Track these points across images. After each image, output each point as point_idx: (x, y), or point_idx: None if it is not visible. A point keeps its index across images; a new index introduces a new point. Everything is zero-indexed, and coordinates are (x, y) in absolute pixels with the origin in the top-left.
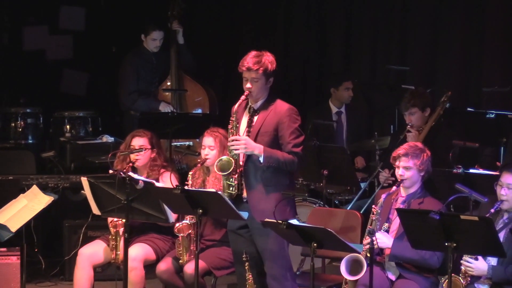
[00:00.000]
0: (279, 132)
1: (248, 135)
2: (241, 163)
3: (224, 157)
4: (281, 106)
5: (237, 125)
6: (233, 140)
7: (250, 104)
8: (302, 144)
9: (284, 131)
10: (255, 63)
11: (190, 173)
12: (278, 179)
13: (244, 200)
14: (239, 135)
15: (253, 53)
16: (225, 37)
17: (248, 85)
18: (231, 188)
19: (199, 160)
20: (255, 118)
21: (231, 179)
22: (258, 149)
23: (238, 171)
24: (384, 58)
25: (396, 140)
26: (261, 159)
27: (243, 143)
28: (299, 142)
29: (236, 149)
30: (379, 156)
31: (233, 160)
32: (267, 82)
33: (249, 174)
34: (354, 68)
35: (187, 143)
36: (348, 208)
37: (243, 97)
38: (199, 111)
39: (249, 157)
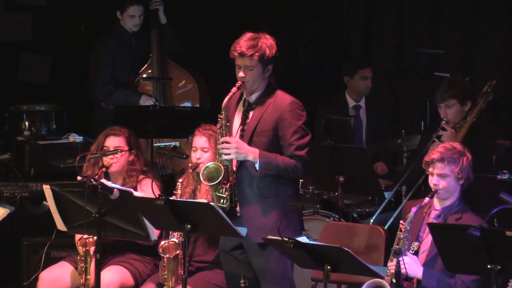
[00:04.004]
0: (280, 131)
1: (242, 135)
2: (234, 169)
3: (211, 163)
4: (281, 99)
5: (227, 124)
6: (223, 143)
7: (244, 96)
8: (307, 145)
9: (285, 130)
10: (250, 48)
11: (180, 180)
12: (279, 188)
13: (238, 214)
14: (229, 136)
15: (247, 35)
16: (219, 14)
17: (241, 73)
18: (222, 201)
19: (190, 165)
20: (251, 114)
21: (221, 190)
22: (252, 153)
23: (230, 179)
24: (413, 40)
25: (428, 139)
26: (257, 166)
27: (234, 146)
28: (303, 143)
29: (226, 154)
30: (408, 159)
31: (222, 167)
32: (265, 70)
33: (243, 183)
34: (376, 52)
35: (172, 143)
36: (371, 223)
37: (234, 88)
38: (187, 104)
39: (243, 163)
